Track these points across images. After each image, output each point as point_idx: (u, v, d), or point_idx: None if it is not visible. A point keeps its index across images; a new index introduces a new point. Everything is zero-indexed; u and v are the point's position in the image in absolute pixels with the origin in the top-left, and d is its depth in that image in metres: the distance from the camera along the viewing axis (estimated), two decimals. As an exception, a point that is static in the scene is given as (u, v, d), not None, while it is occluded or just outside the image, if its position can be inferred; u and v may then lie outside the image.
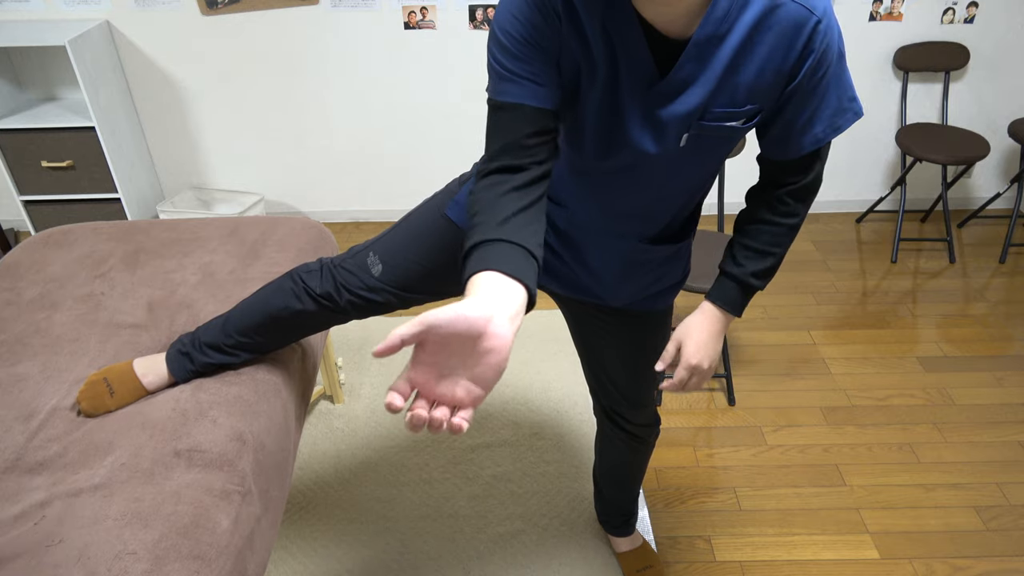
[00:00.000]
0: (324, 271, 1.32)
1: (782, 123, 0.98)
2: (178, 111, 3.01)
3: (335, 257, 1.35)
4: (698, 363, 1.15)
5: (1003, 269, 2.92)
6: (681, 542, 1.84)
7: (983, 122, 3.12)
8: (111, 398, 1.33)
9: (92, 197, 2.86)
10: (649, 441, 1.54)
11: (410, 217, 1.31)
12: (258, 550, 1.25)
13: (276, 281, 1.37)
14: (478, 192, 0.89)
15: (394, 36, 2.86)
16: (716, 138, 0.98)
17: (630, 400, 1.44)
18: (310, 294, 1.31)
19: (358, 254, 1.31)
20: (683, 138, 0.97)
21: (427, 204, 1.30)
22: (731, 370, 2.32)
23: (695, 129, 0.96)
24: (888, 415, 2.22)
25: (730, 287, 1.14)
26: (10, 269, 1.76)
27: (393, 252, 1.27)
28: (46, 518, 1.13)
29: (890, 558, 1.80)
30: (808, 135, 0.98)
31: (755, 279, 1.12)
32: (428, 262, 1.26)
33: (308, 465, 2.04)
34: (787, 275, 2.89)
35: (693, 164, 1.03)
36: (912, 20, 2.89)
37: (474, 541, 1.83)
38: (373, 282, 1.28)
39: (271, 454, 1.36)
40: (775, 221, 1.09)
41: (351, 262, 1.30)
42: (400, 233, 1.29)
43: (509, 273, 0.76)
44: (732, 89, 0.92)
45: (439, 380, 0.70)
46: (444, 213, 1.25)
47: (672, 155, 1.00)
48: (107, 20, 2.78)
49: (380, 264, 1.28)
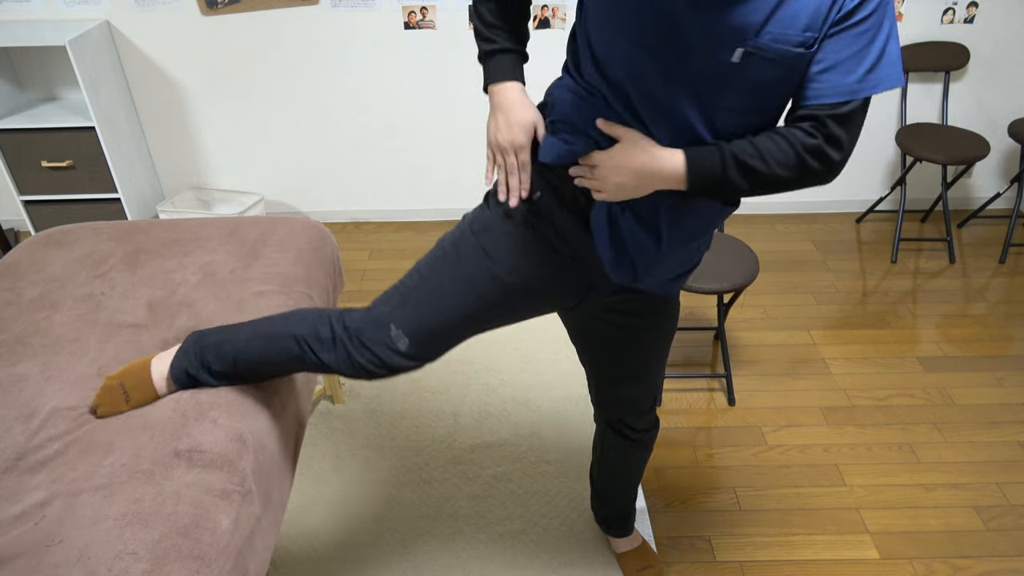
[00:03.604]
0: (337, 344, 1.24)
1: (822, 62, 0.95)
2: (178, 111, 3.01)
3: (347, 319, 1.25)
4: (604, 167, 1.06)
5: (1003, 269, 2.92)
6: (681, 542, 1.84)
7: (983, 122, 3.12)
8: (126, 404, 1.34)
9: (92, 197, 2.86)
10: (650, 445, 1.56)
11: (427, 274, 1.23)
12: (259, 550, 1.25)
13: (279, 333, 1.29)
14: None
15: (394, 36, 2.86)
16: (770, 63, 0.95)
17: (641, 406, 1.46)
18: (319, 364, 1.26)
19: (376, 326, 1.22)
20: (737, 53, 0.94)
21: (442, 253, 1.23)
22: (731, 370, 2.32)
23: (751, 45, 0.94)
24: (888, 415, 2.22)
25: (711, 152, 1.02)
26: (10, 269, 1.76)
27: (420, 319, 1.20)
28: (46, 518, 1.13)
29: (890, 558, 1.80)
30: (844, 81, 0.95)
31: (735, 160, 1.00)
32: (464, 314, 1.20)
33: (308, 465, 2.04)
34: (787, 275, 2.89)
35: (745, 92, 0.99)
36: (912, 20, 2.89)
37: (474, 541, 1.83)
38: (400, 360, 1.22)
39: (272, 455, 1.36)
40: (784, 133, 1.00)
41: (369, 335, 1.21)
42: (423, 294, 1.21)
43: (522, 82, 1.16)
44: (792, 12, 0.91)
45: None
46: (477, 243, 1.20)
47: (724, 69, 0.96)
48: (107, 20, 2.78)
49: (406, 338, 1.20)
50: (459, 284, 1.20)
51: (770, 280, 2.86)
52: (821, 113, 0.97)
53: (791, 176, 1.00)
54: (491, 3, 1.16)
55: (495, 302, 1.21)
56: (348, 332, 1.24)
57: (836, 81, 0.95)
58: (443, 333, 1.22)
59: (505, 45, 1.16)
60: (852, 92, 0.95)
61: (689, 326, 2.61)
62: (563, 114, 1.11)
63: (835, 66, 0.95)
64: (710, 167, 1.01)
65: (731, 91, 0.98)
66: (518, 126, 1.13)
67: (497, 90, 1.16)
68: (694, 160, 1.02)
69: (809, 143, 0.98)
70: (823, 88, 0.96)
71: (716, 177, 1.02)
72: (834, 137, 0.98)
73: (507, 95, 1.15)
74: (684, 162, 1.02)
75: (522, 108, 1.14)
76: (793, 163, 0.99)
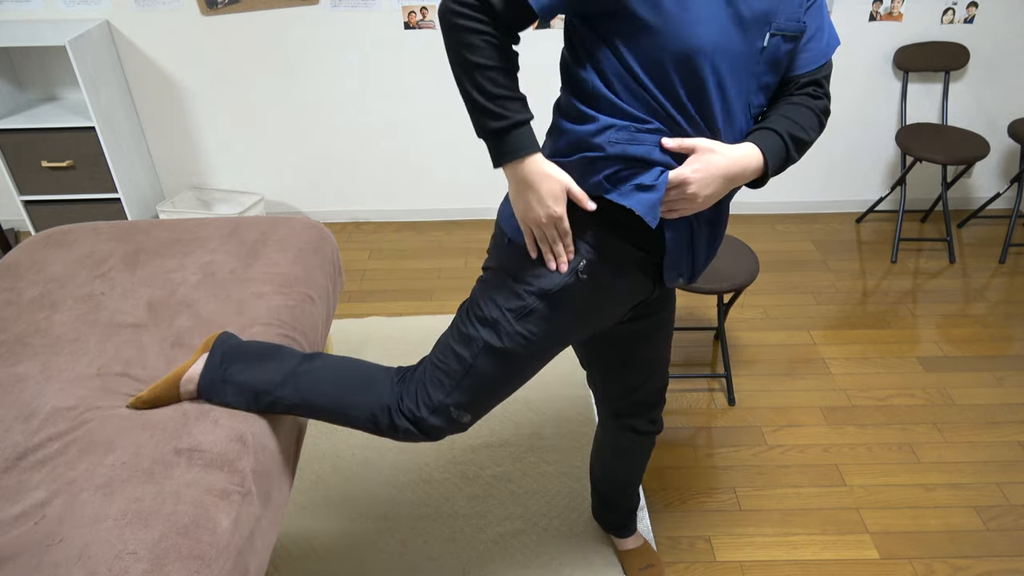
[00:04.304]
0: (400, 432, 1.30)
1: (805, 34, 1.10)
2: (178, 111, 3.01)
3: (405, 409, 1.28)
4: (694, 184, 1.05)
5: (1003, 269, 2.92)
6: (681, 542, 1.84)
7: (983, 122, 3.12)
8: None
9: (92, 197, 2.86)
10: (655, 437, 1.58)
11: (481, 368, 1.23)
12: (259, 550, 1.25)
13: (328, 407, 1.32)
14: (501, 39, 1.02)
15: (394, 36, 2.86)
16: (786, 40, 1.06)
17: (661, 396, 1.50)
18: (392, 431, 1.31)
19: (438, 414, 1.27)
20: (766, 38, 1.03)
21: (487, 349, 1.22)
22: (731, 370, 2.32)
23: (775, 28, 1.03)
24: (888, 415, 2.22)
25: (772, 136, 1.09)
26: (10, 269, 1.76)
27: (484, 402, 1.27)
28: (46, 517, 1.13)
29: (890, 558, 1.80)
30: (821, 46, 1.11)
31: (791, 138, 1.10)
32: (518, 382, 1.27)
33: (308, 465, 2.04)
34: (787, 275, 2.89)
35: (771, 72, 1.08)
36: (912, 20, 2.89)
37: (474, 541, 1.83)
38: (460, 428, 1.30)
39: (273, 455, 1.36)
40: (799, 102, 1.12)
41: (433, 422, 1.27)
42: (484, 383, 1.24)
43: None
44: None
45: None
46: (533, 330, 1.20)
47: (758, 53, 1.04)
48: (107, 20, 2.78)
49: (468, 415, 1.27)
50: (523, 375, 1.26)
51: (770, 280, 2.86)
52: (818, 76, 1.13)
53: (816, 138, 1.14)
54: (491, 72, 1.02)
55: (555, 354, 1.27)
56: (412, 422, 1.29)
57: (817, 48, 1.11)
58: (499, 399, 1.30)
59: (519, 118, 1.05)
60: (826, 54, 1.12)
61: (689, 326, 2.61)
62: (624, 153, 1.06)
63: (814, 36, 1.11)
64: (779, 152, 1.10)
65: (765, 73, 1.08)
66: (552, 199, 1.07)
67: (520, 167, 1.07)
68: (768, 150, 1.09)
69: (820, 104, 1.13)
70: (812, 56, 1.11)
71: (783, 159, 1.11)
72: (828, 94, 1.15)
73: (532, 170, 1.07)
74: (760, 152, 1.08)
75: (551, 179, 1.07)
76: (816, 125, 1.12)
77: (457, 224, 3.28)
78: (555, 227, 1.10)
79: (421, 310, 2.70)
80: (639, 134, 1.05)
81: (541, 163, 1.07)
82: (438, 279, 2.89)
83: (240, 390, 1.34)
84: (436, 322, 2.61)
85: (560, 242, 1.12)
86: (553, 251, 1.13)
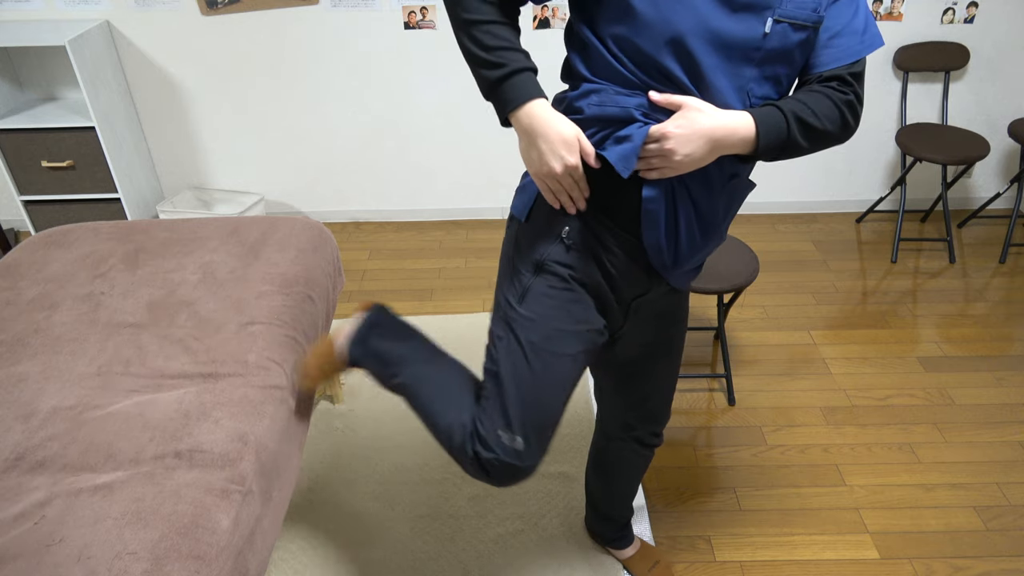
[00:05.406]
0: (473, 461, 1.22)
1: (830, 29, 1.05)
2: (178, 111, 3.01)
3: (481, 432, 1.21)
4: (673, 138, 1.00)
5: (1003, 269, 2.92)
6: (681, 542, 1.84)
7: (983, 122, 3.12)
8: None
9: (92, 197, 2.86)
10: (655, 449, 1.58)
11: (497, 367, 1.19)
12: (259, 550, 1.25)
13: (453, 418, 1.24)
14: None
15: (394, 36, 2.86)
16: (795, 29, 1.01)
17: (668, 409, 1.48)
18: (461, 456, 1.23)
19: (485, 439, 1.19)
20: (768, 24, 0.99)
21: (518, 347, 1.18)
22: (731, 370, 2.32)
23: (780, 14, 0.99)
24: (888, 415, 2.22)
25: (773, 112, 1.04)
26: (10, 269, 1.76)
27: (520, 411, 1.18)
28: (46, 517, 1.13)
29: (890, 558, 1.80)
30: (852, 43, 1.06)
31: (795, 118, 1.03)
32: (550, 384, 1.18)
33: (308, 465, 2.04)
34: (787, 275, 2.89)
35: (781, 62, 1.04)
36: (912, 20, 2.89)
37: (474, 541, 1.83)
38: (518, 458, 1.21)
39: (273, 455, 1.36)
40: (820, 91, 1.06)
41: (484, 450, 1.19)
42: (510, 384, 1.18)
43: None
44: None
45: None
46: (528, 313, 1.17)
47: (755, 38, 1.00)
48: (107, 20, 2.78)
49: (518, 436, 1.18)
50: (552, 373, 1.19)
51: (770, 280, 2.86)
52: (843, 72, 1.06)
53: (834, 132, 1.07)
54: (487, 25, 1.04)
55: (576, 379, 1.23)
56: (473, 453, 1.21)
57: (846, 44, 1.05)
58: (555, 419, 1.23)
59: (518, 65, 1.04)
60: (859, 52, 1.05)
61: (689, 326, 2.61)
62: (602, 113, 1.05)
63: (841, 32, 1.05)
64: (776, 125, 1.03)
65: (770, 62, 1.03)
66: (564, 146, 1.04)
67: (525, 113, 1.04)
68: (763, 119, 1.02)
69: (844, 98, 1.06)
70: (838, 52, 1.05)
71: (782, 135, 1.04)
72: (857, 93, 1.08)
73: (539, 115, 1.04)
74: (753, 121, 1.02)
75: (560, 124, 1.04)
76: (836, 117, 1.06)
77: (457, 224, 3.28)
78: (571, 175, 1.07)
79: (421, 310, 2.70)
80: (618, 96, 1.05)
81: (548, 109, 1.05)
82: (438, 279, 2.89)
83: (376, 355, 1.36)
84: (436, 322, 2.62)
85: (577, 187, 1.09)
86: (572, 196, 1.11)
